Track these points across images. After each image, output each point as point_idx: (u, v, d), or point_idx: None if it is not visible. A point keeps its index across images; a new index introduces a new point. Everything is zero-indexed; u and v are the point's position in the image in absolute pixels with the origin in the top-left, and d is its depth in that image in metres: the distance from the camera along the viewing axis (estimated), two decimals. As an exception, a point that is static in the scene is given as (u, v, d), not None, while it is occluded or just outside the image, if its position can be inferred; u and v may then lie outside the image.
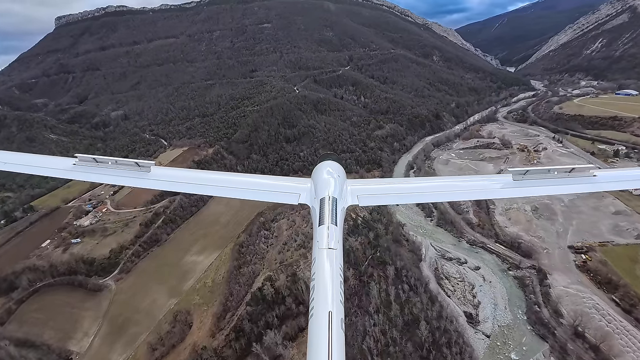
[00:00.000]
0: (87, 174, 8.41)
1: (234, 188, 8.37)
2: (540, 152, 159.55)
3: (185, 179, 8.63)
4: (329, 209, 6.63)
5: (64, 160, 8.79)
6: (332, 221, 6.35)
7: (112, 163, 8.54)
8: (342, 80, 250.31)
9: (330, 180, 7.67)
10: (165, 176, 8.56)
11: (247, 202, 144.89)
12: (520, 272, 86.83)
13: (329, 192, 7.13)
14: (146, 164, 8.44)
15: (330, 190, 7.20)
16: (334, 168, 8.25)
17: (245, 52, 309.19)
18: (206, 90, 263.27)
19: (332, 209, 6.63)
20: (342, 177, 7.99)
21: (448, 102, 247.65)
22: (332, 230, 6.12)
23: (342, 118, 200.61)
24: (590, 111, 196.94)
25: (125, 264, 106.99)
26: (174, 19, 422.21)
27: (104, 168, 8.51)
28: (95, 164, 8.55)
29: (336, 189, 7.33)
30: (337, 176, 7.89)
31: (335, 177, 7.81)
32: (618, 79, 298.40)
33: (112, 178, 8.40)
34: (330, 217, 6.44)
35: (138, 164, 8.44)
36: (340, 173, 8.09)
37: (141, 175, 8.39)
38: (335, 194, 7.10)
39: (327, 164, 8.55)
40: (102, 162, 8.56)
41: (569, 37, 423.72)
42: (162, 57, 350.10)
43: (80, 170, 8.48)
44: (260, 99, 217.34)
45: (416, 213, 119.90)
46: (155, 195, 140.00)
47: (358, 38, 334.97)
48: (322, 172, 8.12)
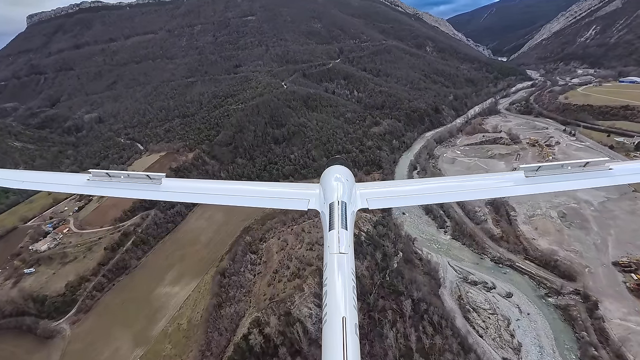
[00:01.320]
0: (101, 189, 8.52)
1: (244, 197, 8.40)
2: (553, 146, 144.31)
3: (196, 190, 8.80)
4: (338, 213, 6.50)
5: (78, 177, 8.98)
6: (342, 225, 6.25)
7: (125, 177, 8.66)
8: (333, 74, 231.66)
9: (339, 185, 7.50)
10: (177, 188, 8.56)
11: (231, 216, 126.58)
12: (563, 300, 70.90)
13: (338, 196, 7.01)
14: (157, 177, 8.55)
15: (339, 194, 7.09)
16: (342, 172, 8.18)
17: (229, 46, 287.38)
18: (187, 88, 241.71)
19: (342, 214, 6.51)
20: (351, 181, 7.88)
21: (445, 94, 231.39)
22: (342, 234, 6.02)
23: (335, 114, 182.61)
24: (598, 100, 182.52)
25: (85, 300, 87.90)
26: (153, 14, 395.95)
27: (117, 182, 8.58)
28: (108, 178, 8.62)
29: (345, 193, 7.21)
30: (346, 180, 7.75)
31: (343, 182, 7.66)
32: (616, 66, 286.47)
33: (126, 192, 8.38)
34: (340, 222, 6.32)
35: (149, 177, 8.55)
36: (349, 177, 8.03)
37: (153, 188, 8.39)
38: (345, 198, 7.01)
39: (335, 168, 8.46)
40: (114, 176, 8.65)
41: (561, 25, 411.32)
42: (140, 54, 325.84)
43: (94, 185, 8.55)
44: (245, 96, 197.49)
45: (427, 224, 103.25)
46: (125, 211, 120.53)
47: (348, 29, 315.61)
48: (330, 177, 7.99)
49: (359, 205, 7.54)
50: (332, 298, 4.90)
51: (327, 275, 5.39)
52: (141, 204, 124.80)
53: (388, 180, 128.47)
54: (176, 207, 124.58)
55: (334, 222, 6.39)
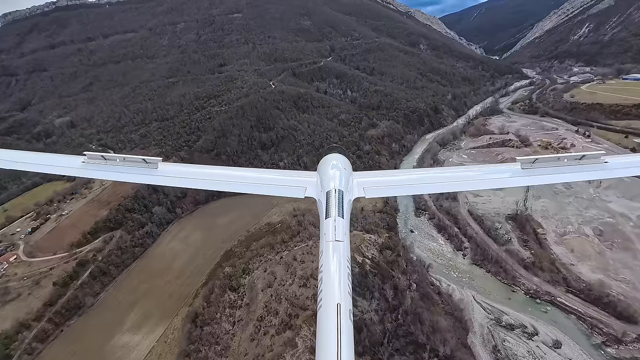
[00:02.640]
0: (96, 171, 8.31)
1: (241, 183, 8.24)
2: (568, 149, 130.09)
3: (193, 175, 8.48)
4: (335, 201, 6.49)
5: (73, 159, 8.56)
6: (338, 214, 6.20)
7: (120, 160, 8.41)
8: (325, 73, 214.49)
9: (336, 173, 7.46)
10: (173, 172, 8.36)
11: (211, 235, 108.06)
12: (627, 351, 55.14)
13: (335, 184, 6.97)
14: (153, 161, 8.29)
15: (336, 183, 7.05)
16: (340, 161, 8.08)
17: (213, 44, 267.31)
18: (167, 89, 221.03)
19: (339, 202, 6.50)
20: (348, 170, 7.84)
21: (443, 93, 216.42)
22: (338, 222, 6.00)
23: (329, 116, 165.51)
24: (607, 99, 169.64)
25: (21, 357, 68.77)
26: (133, 12, 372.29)
27: (113, 165, 8.36)
28: (104, 161, 8.39)
29: (342, 182, 7.17)
30: (343, 169, 7.70)
31: (341, 170, 7.61)
32: (612, 64, 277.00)
33: (121, 175, 8.27)
34: (337, 210, 6.28)
35: (145, 161, 8.32)
36: (346, 166, 7.95)
37: (149, 172, 8.22)
38: (342, 187, 6.96)
39: (332, 156, 8.32)
40: (110, 159, 8.38)
41: (554, 23, 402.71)
42: (118, 53, 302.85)
43: (89, 168, 8.34)
44: (229, 97, 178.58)
45: (441, 244, 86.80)
46: (85, 234, 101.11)
47: (339, 27, 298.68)
48: (327, 165, 7.89)
49: (355, 194, 7.40)
50: (327, 285, 4.89)
51: (322, 262, 5.33)
52: (105, 224, 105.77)
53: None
54: (147, 226, 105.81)
55: (331, 210, 6.29)
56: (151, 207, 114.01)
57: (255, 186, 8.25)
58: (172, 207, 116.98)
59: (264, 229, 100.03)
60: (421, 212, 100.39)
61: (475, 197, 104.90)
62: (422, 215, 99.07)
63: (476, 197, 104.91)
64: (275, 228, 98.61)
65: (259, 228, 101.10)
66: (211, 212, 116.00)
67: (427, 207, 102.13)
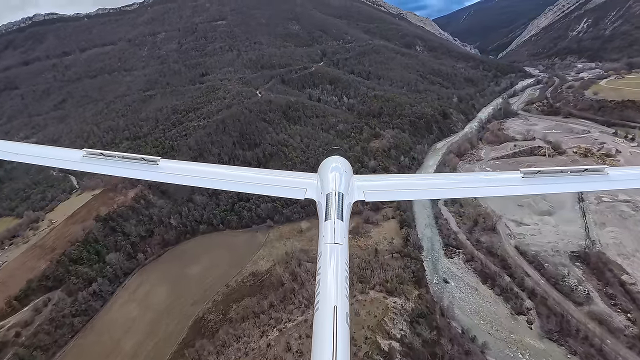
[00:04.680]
0: (97, 166, 8.00)
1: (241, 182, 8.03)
2: (614, 155, 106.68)
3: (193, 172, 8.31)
4: (335, 204, 6.35)
5: (73, 152, 8.25)
6: (338, 216, 6.04)
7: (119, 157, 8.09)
8: (317, 79, 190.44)
9: (336, 176, 7.26)
10: (174, 169, 8.09)
11: (178, 293, 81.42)
12: None
13: (335, 187, 6.82)
14: (153, 160, 7.97)
15: (337, 185, 6.89)
16: (341, 163, 7.89)
17: (195, 53, 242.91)
18: (143, 103, 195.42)
19: (339, 204, 6.35)
20: (349, 173, 7.66)
21: (448, 96, 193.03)
22: (338, 225, 5.84)
23: (324, 127, 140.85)
24: (636, 95, 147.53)
25: None
26: (113, 24, 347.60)
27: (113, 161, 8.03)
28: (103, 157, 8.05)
29: (342, 184, 7.00)
30: (344, 171, 7.52)
31: (341, 172, 7.42)
32: (619, 58, 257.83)
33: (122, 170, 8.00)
34: (337, 213, 6.12)
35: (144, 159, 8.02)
36: (347, 168, 7.78)
37: (150, 168, 7.92)
38: (342, 189, 6.82)
39: (333, 159, 8.10)
40: (109, 156, 8.07)
41: (550, 20, 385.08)
42: (95, 67, 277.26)
43: (89, 162, 8.02)
44: (209, 109, 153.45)
45: (492, 303, 61.38)
46: (11, 299, 74.50)
47: (329, 30, 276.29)
48: (328, 167, 7.69)
49: (355, 197, 7.15)
50: (324, 287, 4.78)
51: (320, 265, 5.21)
52: (41, 283, 79.19)
53: (411, 227, 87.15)
54: (95, 283, 79.30)
55: (330, 213, 6.12)
56: (105, 255, 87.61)
57: (256, 186, 8.00)
58: (133, 251, 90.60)
59: (248, 282, 74.19)
60: (453, 251, 75.26)
61: (519, 226, 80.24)
62: (455, 256, 73.95)
63: (520, 225, 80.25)
64: (263, 281, 72.86)
65: (241, 281, 75.19)
66: (183, 256, 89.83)
67: (460, 243, 77.05)
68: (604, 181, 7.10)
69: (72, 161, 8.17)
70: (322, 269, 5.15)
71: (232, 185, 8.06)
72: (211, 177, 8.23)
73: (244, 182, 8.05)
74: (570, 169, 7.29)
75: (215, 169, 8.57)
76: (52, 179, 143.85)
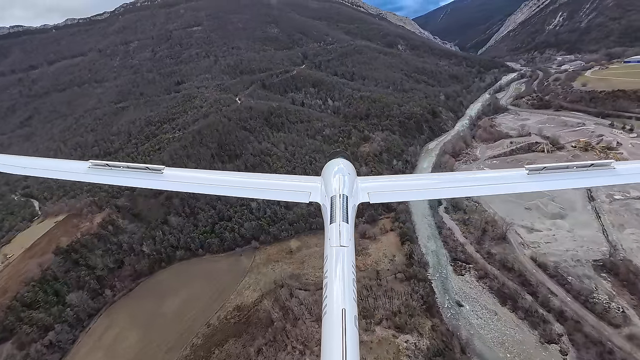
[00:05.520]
0: (102, 176, 8.04)
1: (245, 188, 8.07)
2: (615, 148, 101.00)
3: (198, 180, 8.33)
4: (340, 206, 6.33)
5: (79, 164, 8.34)
6: (343, 219, 6.04)
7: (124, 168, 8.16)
8: (299, 82, 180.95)
9: (340, 178, 7.20)
10: (179, 177, 8.12)
11: (151, 337, 70.00)
12: None
13: (340, 189, 6.78)
14: (157, 168, 8.01)
15: (341, 187, 6.85)
16: (344, 165, 7.86)
17: (170, 61, 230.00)
18: (115, 116, 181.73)
19: (344, 207, 6.34)
20: (353, 174, 7.64)
21: (435, 94, 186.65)
22: (343, 227, 5.83)
23: (310, 132, 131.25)
24: (627, 84, 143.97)
25: None
26: (83, 34, 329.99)
27: (118, 171, 8.10)
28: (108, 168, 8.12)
29: (347, 187, 6.95)
30: (348, 173, 7.48)
31: (345, 174, 7.37)
32: (597, 49, 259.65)
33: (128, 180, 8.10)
34: (342, 215, 6.12)
35: (149, 168, 8.06)
36: (351, 170, 7.76)
37: (155, 177, 7.94)
38: (346, 192, 6.77)
39: (336, 161, 8.08)
40: (114, 167, 8.16)
41: (526, 15, 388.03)
42: (64, 80, 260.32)
43: (95, 173, 8.07)
44: (185, 119, 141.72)
45: (516, 329, 52.49)
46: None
47: (309, 32, 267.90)
48: (331, 170, 7.68)
49: (360, 198, 7.11)
50: (331, 290, 4.74)
51: (327, 268, 5.17)
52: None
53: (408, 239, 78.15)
54: (52, 332, 66.94)
55: (335, 215, 6.12)
56: (65, 294, 75.14)
57: (260, 191, 8.00)
58: (99, 287, 78.39)
59: (232, 319, 63.40)
60: (463, 267, 66.51)
61: (531, 232, 72.34)
62: (466, 272, 65.20)
63: (532, 232, 72.36)
64: (249, 317, 62.28)
65: (225, 317, 64.30)
66: (157, 289, 78.18)
67: (469, 257, 68.44)
68: (611, 176, 6.88)
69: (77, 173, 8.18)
70: (329, 272, 5.06)
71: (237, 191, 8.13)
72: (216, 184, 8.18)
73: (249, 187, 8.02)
74: (576, 164, 7.09)
75: (219, 175, 8.63)
76: (13, 204, 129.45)
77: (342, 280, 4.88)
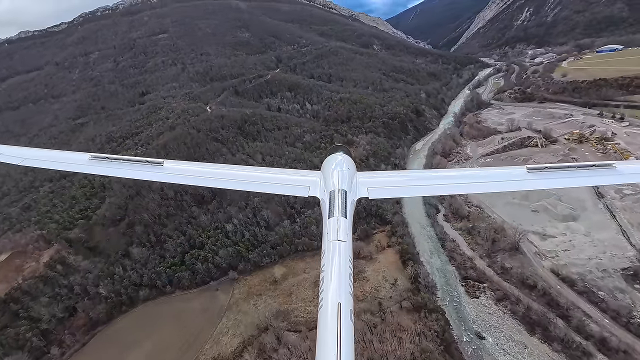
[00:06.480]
0: (104, 168, 7.94)
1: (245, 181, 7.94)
2: (611, 139, 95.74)
3: (197, 173, 8.28)
4: (339, 201, 6.29)
5: (80, 155, 8.24)
6: (341, 213, 6.00)
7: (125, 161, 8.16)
8: (274, 86, 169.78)
9: (339, 173, 7.14)
10: (178, 170, 8.10)
11: None
12: None
13: (339, 184, 6.73)
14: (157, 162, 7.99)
15: (340, 182, 6.79)
16: (344, 160, 7.76)
17: (134, 71, 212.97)
18: (73, 133, 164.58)
19: (342, 202, 6.30)
20: (352, 170, 7.50)
21: (415, 92, 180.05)
22: (341, 222, 5.81)
23: (289, 140, 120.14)
24: (606, 73, 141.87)
25: None
26: (38, 47, 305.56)
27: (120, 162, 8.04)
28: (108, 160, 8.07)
29: (346, 182, 6.88)
30: (347, 168, 7.36)
31: (344, 170, 7.28)
32: (565, 42, 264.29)
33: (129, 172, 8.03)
34: (340, 210, 6.08)
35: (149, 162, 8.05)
36: (350, 165, 7.60)
37: (155, 170, 7.91)
38: (345, 187, 6.70)
39: (336, 156, 7.98)
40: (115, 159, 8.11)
41: (494, 12, 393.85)
42: (18, 97, 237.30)
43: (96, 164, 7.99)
44: (150, 133, 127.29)
45: None
46: None
47: (282, 35, 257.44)
48: (331, 165, 7.58)
49: (359, 194, 7.01)
50: (328, 284, 4.75)
51: (324, 262, 5.18)
52: None
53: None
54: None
55: (334, 210, 6.08)
56: None
57: (259, 185, 7.84)
58: (44, 344, 63.85)
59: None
60: (476, 287, 57.09)
61: (545, 239, 64.09)
62: (481, 294, 55.83)
63: (546, 239, 64.12)
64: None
65: None
66: (117, 340, 64.41)
67: (481, 274, 59.18)
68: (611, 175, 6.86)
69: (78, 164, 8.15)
70: (326, 266, 5.07)
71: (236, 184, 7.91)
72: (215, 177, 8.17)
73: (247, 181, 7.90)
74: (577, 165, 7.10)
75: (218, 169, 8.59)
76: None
77: (338, 275, 4.82)
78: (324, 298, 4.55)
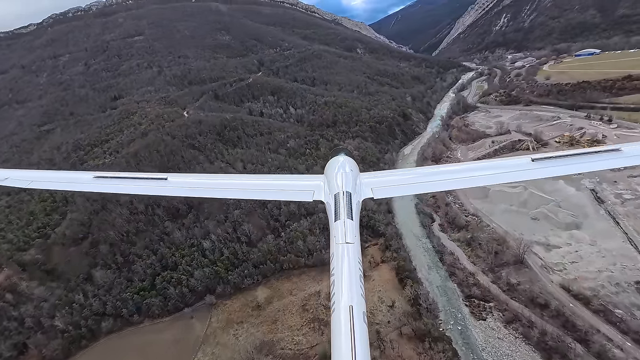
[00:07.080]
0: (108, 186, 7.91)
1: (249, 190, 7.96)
2: (602, 141, 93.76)
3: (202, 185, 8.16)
4: (344, 203, 6.24)
5: (85, 174, 8.16)
6: (347, 216, 5.96)
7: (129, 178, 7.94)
8: (257, 90, 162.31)
9: (343, 175, 7.06)
10: (182, 183, 8.02)
11: None
12: None
13: (343, 186, 6.68)
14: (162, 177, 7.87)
15: (344, 184, 6.74)
16: (346, 162, 7.68)
17: (106, 74, 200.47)
18: (38, 141, 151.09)
19: (347, 204, 6.25)
20: (355, 171, 7.45)
21: (401, 95, 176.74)
22: (348, 224, 5.78)
23: (272, 146, 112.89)
24: (588, 76, 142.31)
25: None
26: (3, 49, 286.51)
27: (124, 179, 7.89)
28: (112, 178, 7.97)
29: (350, 183, 6.83)
30: (350, 170, 7.30)
31: (347, 171, 7.21)
32: (542, 46, 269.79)
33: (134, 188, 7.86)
34: (346, 212, 6.04)
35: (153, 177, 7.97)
36: (353, 167, 7.53)
37: (160, 184, 7.78)
38: (349, 189, 6.66)
39: (338, 158, 7.84)
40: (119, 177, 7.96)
41: (473, 18, 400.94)
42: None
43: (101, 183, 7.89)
44: (120, 140, 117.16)
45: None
46: None
47: (264, 38, 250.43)
48: (334, 168, 7.45)
49: (364, 195, 6.95)
50: (339, 287, 4.71)
51: (334, 265, 5.15)
52: None
53: (404, 261, 62.45)
54: None
55: (340, 213, 6.04)
56: None
57: (264, 192, 7.83)
58: (-17, 391, 53.69)
59: None
60: (482, 308, 51.48)
61: (549, 250, 59.44)
62: (488, 315, 50.25)
63: (550, 250, 59.48)
64: None
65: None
66: (73, 382, 55.08)
67: (485, 291, 53.72)
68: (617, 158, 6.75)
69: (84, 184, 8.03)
70: (336, 269, 5.05)
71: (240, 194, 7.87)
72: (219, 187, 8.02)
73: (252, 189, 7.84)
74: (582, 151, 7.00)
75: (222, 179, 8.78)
76: None
77: (348, 278, 4.79)
78: (336, 302, 4.46)
